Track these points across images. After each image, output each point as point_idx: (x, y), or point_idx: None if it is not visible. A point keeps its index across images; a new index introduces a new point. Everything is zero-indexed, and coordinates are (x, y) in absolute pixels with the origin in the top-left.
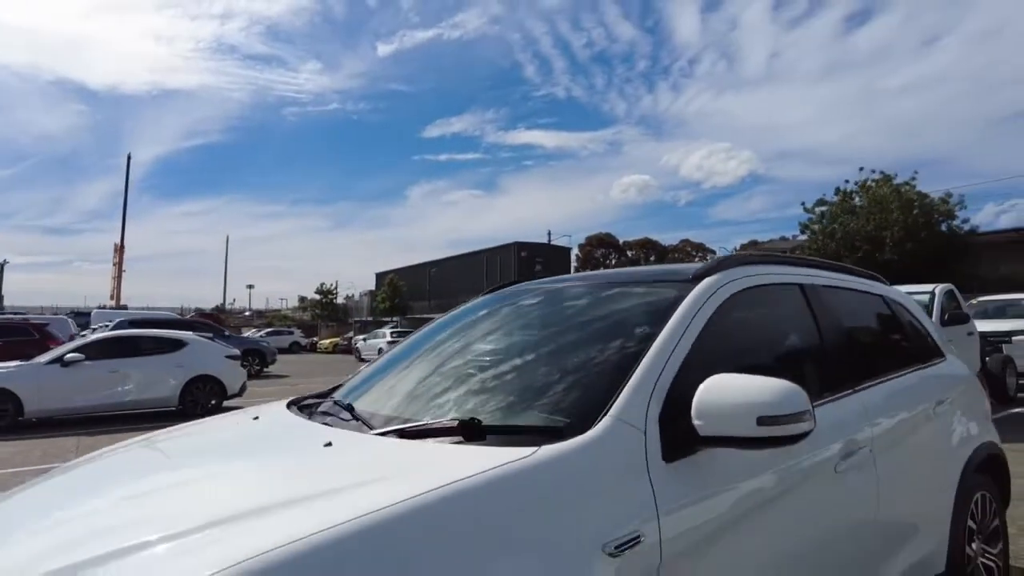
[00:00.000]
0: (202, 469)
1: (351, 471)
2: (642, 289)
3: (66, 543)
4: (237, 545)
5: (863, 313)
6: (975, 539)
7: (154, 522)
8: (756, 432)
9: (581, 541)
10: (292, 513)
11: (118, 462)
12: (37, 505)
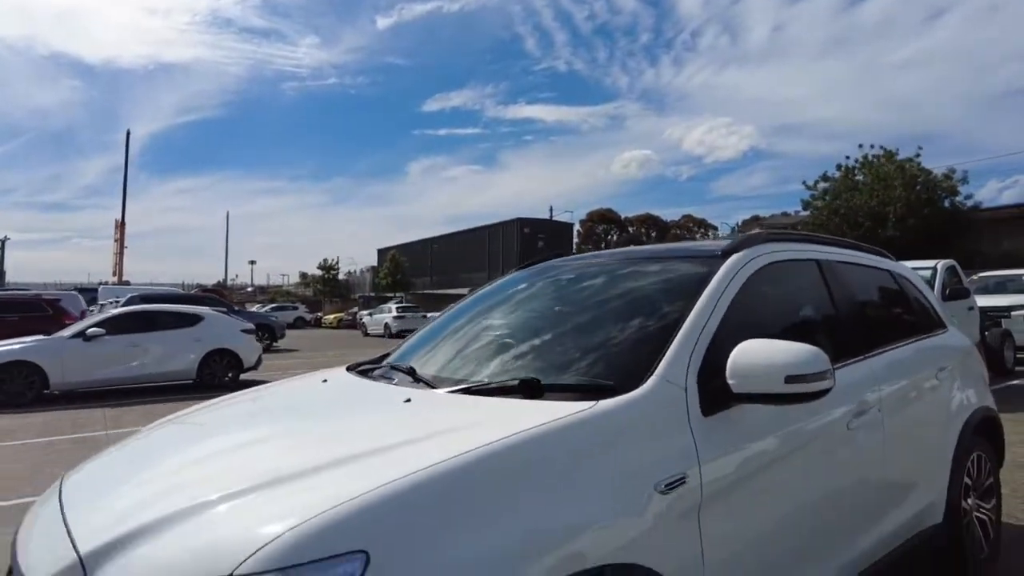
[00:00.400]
0: (302, 423)
1: (437, 421)
2: (676, 264)
3: (210, 480)
4: (366, 478)
5: (872, 286)
6: (971, 495)
7: (282, 465)
8: (784, 389)
9: (638, 480)
10: (406, 451)
11: (217, 418)
12: (149, 458)
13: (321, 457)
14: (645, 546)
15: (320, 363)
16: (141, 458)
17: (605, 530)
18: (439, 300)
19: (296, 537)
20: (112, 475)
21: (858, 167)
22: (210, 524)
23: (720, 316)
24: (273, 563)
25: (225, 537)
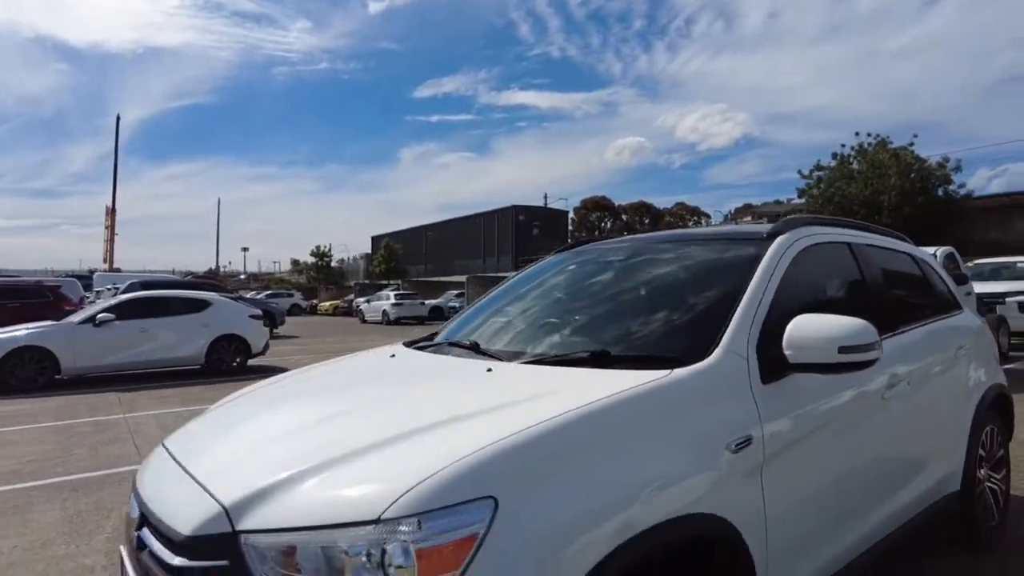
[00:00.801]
0: (400, 388)
1: (527, 387)
2: (724, 245)
3: (336, 439)
4: (481, 434)
5: (897, 268)
6: (983, 465)
7: (402, 424)
8: (837, 359)
9: (714, 440)
10: (512, 411)
11: (310, 387)
12: (259, 421)
13: (436, 416)
14: (720, 499)
15: (322, 349)
16: (248, 421)
17: (689, 482)
18: (434, 288)
19: (432, 485)
20: (226, 437)
21: (853, 155)
22: (351, 475)
23: (772, 292)
24: (414, 508)
25: (368, 486)
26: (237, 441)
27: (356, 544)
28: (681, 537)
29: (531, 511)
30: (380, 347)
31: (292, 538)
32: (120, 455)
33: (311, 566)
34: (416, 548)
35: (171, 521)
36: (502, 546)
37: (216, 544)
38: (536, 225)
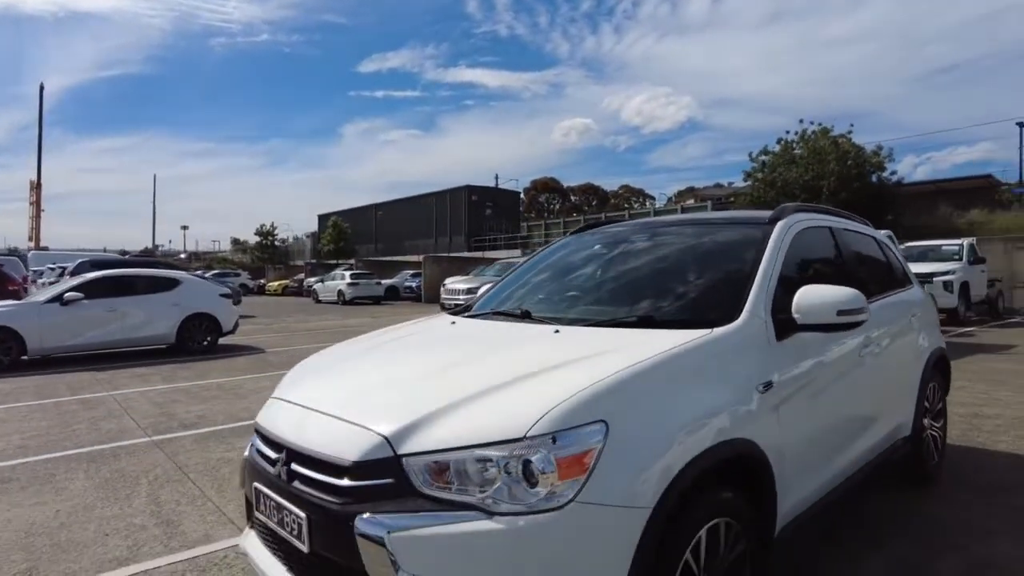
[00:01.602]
0: (487, 346)
1: (597, 344)
2: (734, 228)
3: (463, 381)
4: (564, 385)
5: (865, 248)
6: (928, 415)
7: (515, 369)
8: (836, 320)
9: (746, 381)
10: (600, 360)
11: (406, 344)
12: (379, 368)
13: (539, 364)
14: (753, 428)
15: (289, 328)
16: (360, 373)
17: (732, 413)
18: (386, 267)
19: (562, 411)
20: (346, 386)
21: (796, 141)
22: (489, 407)
23: (779, 267)
24: (549, 428)
25: (508, 414)
26: (363, 388)
27: (504, 457)
28: (729, 455)
29: (631, 432)
30: (425, 316)
31: (444, 457)
32: (123, 429)
33: (460, 478)
34: (555, 457)
35: (334, 452)
36: (614, 457)
37: (381, 466)
38: (489, 206)
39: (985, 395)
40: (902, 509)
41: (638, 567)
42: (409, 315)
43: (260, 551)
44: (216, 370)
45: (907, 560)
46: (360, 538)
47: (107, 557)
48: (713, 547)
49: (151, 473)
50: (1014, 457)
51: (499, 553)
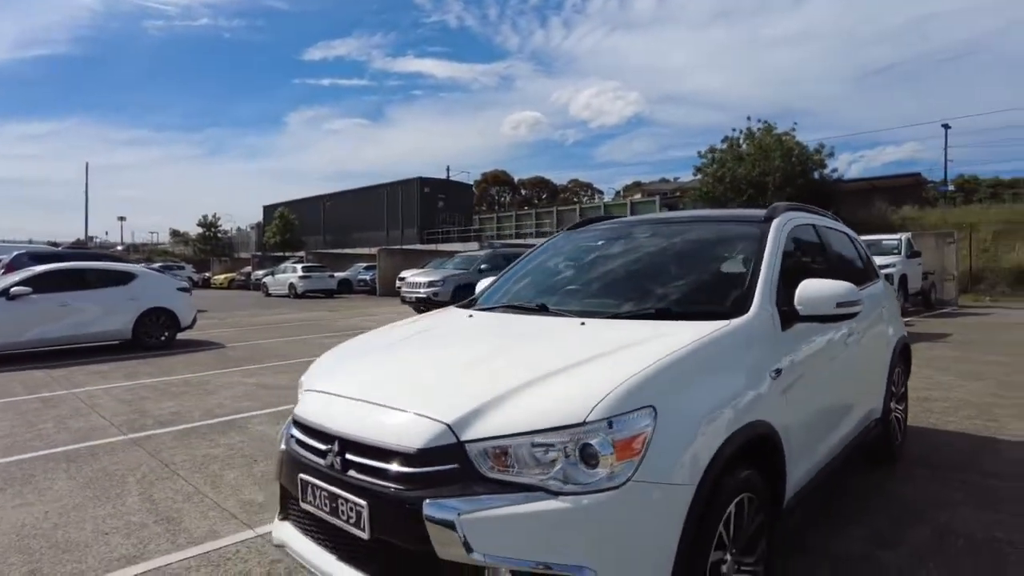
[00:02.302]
0: (519, 337)
1: (627, 335)
2: (732, 226)
3: (514, 369)
4: (610, 374)
5: (842, 244)
6: (893, 399)
7: (563, 357)
8: (835, 311)
9: (761, 368)
10: (638, 349)
11: (433, 336)
12: (424, 358)
13: (582, 354)
14: (768, 410)
15: (244, 323)
16: (400, 364)
17: (752, 398)
18: (335, 260)
19: (616, 397)
20: (390, 376)
21: (743, 138)
22: (544, 394)
23: (779, 262)
24: (605, 414)
25: (565, 400)
26: (410, 378)
27: (564, 441)
28: (752, 435)
29: (676, 416)
30: (435, 312)
31: (506, 442)
32: (94, 428)
33: (521, 461)
34: (613, 440)
35: (396, 440)
36: (663, 440)
37: (446, 453)
38: (441, 198)
39: (932, 380)
40: (874, 485)
41: (686, 538)
42: (369, 308)
43: (302, 541)
44: (179, 366)
45: (882, 531)
46: (429, 522)
47: (112, 556)
48: (739, 520)
49: (137, 471)
50: (963, 436)
51: (566, 529)
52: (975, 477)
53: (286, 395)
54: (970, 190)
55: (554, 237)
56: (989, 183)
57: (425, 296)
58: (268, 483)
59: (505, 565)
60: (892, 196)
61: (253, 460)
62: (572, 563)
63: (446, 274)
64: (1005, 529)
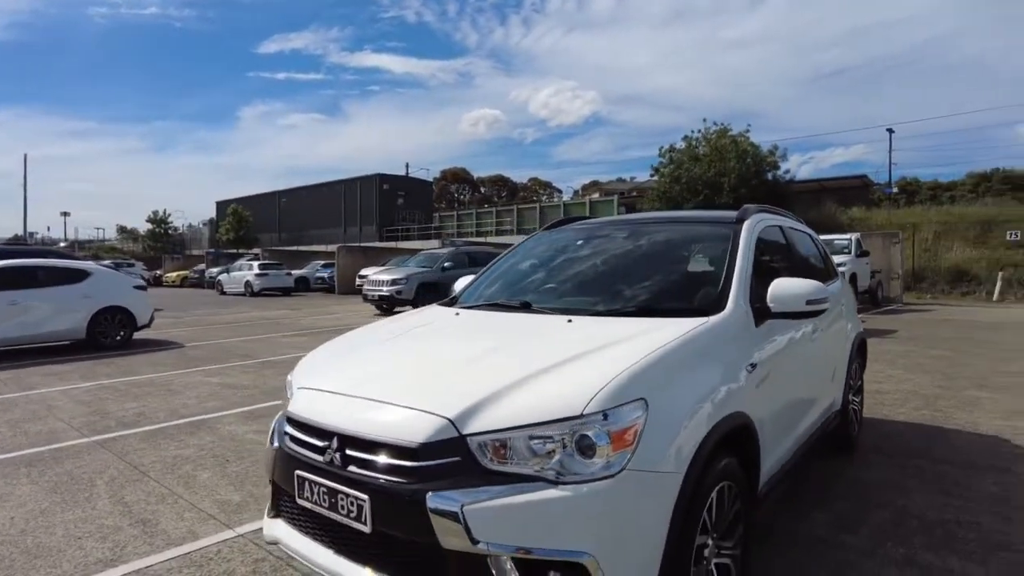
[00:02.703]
0: (506, 335)
1: (614, 331)
2: (706, 227)
3: (508, 365)
4: (603, 369)
5: (806, 244)
6: (851, 391)
7: (555, 353)
8: (805, 308)
9: (738, 362)
10: (627, 345)
11: (423, 334)
12: (417, 356)
13: (573, 350)
14: (745, 402)
15: (203, 321)
16: (390, 361)
17: (731, 390)
18: (290, 257)
19: (610, 390)
20: (384, 373)
21: (699, 140)
22: (540, 390)
23: (751, 262)
24: (601, 407)
25: (562, 394)
26: (406, 375)
27: (562, 433)
28: (732, 426)
29: (664, 408)
30: (419, 310)
31: (506, 435)
32: (53, 431)
33: (520, 453)
34: (609, 431)
35: (398, 436)
36: (653, 430)
37: (448, 446)
38: (401, 195)
39: (883, 374)
40: (834, 472)
41: (675, 523)
42: (329, 307)
43: (296, 537)
44: (139, 366)
45: (846, 514)
46: (433, 514)
47: (89, 560)
48: (720, 506)
49: (105, 474)
50: (913, 426)
51: (566, 516)
52: (927, 464)
53: (253, 395)
54: (912, 192)
55: (531, 237)
56: (930, 186)
57: (388, 294)
58: (244, 483)
59: (507, 552)
60: (841, 197)
61: (225, 460)
62: (572, 548)
63: (409, 272)
64: (955, 511)
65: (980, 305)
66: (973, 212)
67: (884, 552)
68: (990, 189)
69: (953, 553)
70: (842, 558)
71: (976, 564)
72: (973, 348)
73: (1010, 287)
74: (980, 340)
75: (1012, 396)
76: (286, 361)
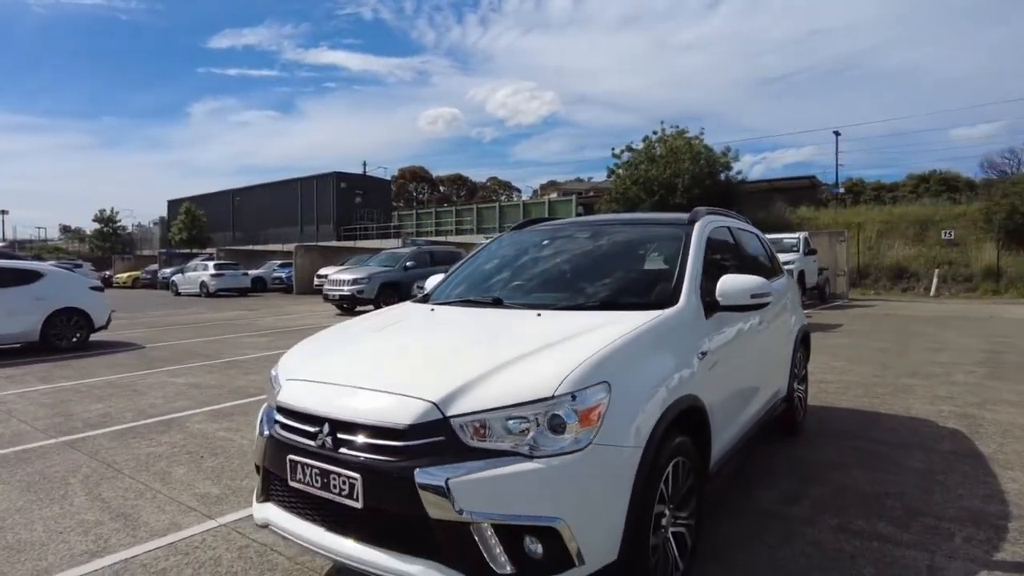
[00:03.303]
0: (481, 328)
1: (579, 323)
2: (660, 228)
3: (485, 355)
4: (570, 356)
5: (752, 243)
6: (796, 379)
7: (526, 344)
8: (749, 302)
9: (690, 350)
10: (590, 336)
11: (400, 329)
12: (397, 349)
13: (543, 341)
14: (698, 386)
15: (160, 323)
16: (383, 351)
17: (684, 376)
18: (246, 257)
19: (578, 374)
20: (367, 363)
21: (656, 141)
22: (515, 375)
23: (702, 260)
24: (570, 388)
25: (534, 379)
26: (390, 366)
27: (536, 413)
28: (685, 407)
29: (624, 390)
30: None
31: (485, 416)
32: (17, 433)
33: (498, 432)
34: (577, 411)
35: (387, 419)
36: (616, 410)
37: (433, 427)
38: (359, 193)
39: (827, 365)
40: (781, 453)
41: (636, 492)
42: (288, 307)
43: (287, 518)
44: (99, 367)
45: (790, 490)
46: (422, 488)
47: (73, 552)
48: (676, 480)
49: (78, 473)
50: (853, 412)
51: (540, 486)
52: (864, 444)
53: (220, 394)
54: (858, 192)
55: (498, 238)
56: (874, 186)
57: (349, 294)
58: (221, 477)
59: (489, 520)
60: (790, 197)
61: (200, 457)
62: (546, 514)
63: (371, 271)
64: (887, 484)
65: (919, 300)
66: (912, 212)
67: (823, 521)
68: (928, 190)
69: (881, 519)
70: (787, 527)
71: (900, 529)
72: (909, 340)
73: (945, 283)
74: (916, 332)
75: (939, 383)
76: (250, 361)
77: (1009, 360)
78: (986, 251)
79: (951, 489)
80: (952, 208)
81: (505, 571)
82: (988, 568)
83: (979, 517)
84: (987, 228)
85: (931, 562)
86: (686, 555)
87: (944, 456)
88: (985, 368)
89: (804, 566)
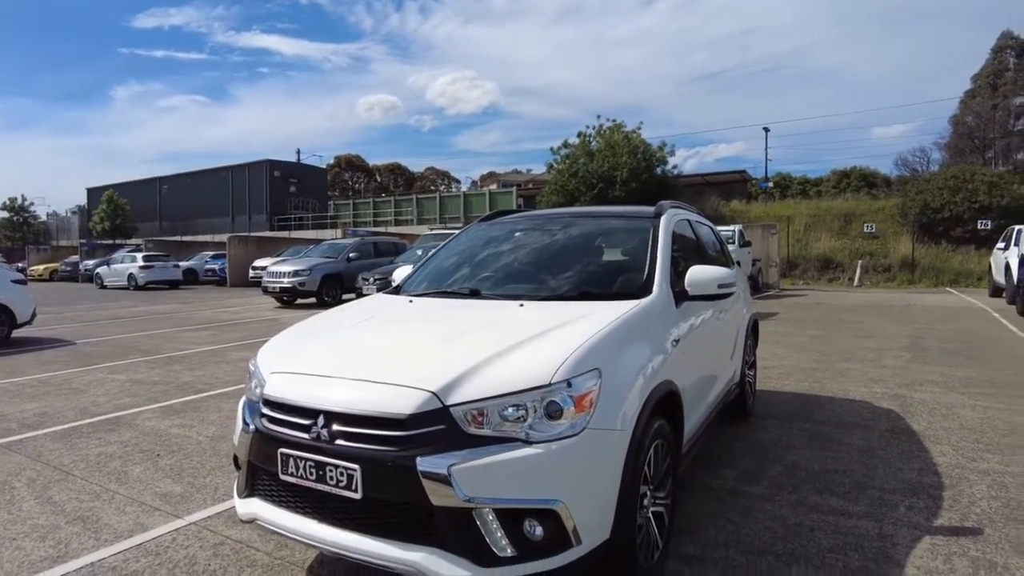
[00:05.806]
0: (468, 320)
1: (563, 314)
2: (628, 221)
3: (480, 344)
4: (561, 344)
5: (708, 235)
6: (747, 365)
7: (509, 336)
8: (717, 291)
9: (665, 338)
10: (577, 325)
11: (383, 321)
12: (395, 337)
13: (532, 330)
14: (673, 372)
15: (87, 318)
16: (370, 343)
17: (662, 362)
18: (177, 248)
19: (572, 362)
20: (361, 354)
21: (593, 135)
22: (511, 363)
23: (670, 252)
24: (565, 376)
25: (530, 367)
26: (380, 357)
27: (534, 400)
28: (664, 392)
29: (613, 376)
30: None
31: (484, 404)
32: None
33: (496, 419)
34: (572, 397)
35: (386, 409)
36: (606, 395)
37: (434, 416)
38: (293, 182)
39: (768, 352)
40: (736, 435)
41: (626, 473)
42: (224, 300)
43: (275, 512)
44: (27, 365)
45: (748, 469)
46: (424, 477)
47: (32, 559)
48: (656, 461)
49: (21, 476)
50: (797, 395)
51: (539, 470)
52: (809, 425)
53: (167, 390)
54: (785, 187)
55: (467, 229)
56: (800, 181)
57: (290, 286)
58: (182, 475)
59: (491, 505)
60: (723, 191)
61: (156, 455)
62: (545, 497)
63: (312, 263)
64: (833, 462)
65: (844, 290)
66: (837, 206)
67: (782, 497)
68: (850, 185)
69: (833, 494)
70: (748, 505)
71: (850, 502)
72: (840, 327)
73: (867, 273)
74: (844, 320)
75: (870, 367)
76: (192, 356)
77: (930, 345)
78: (902, 243)
79: (891, 464)
80: (872, 203)
81: (506, 554)
82: (930, 533)
83: (917, 488)
84: (903, 222)
85: (881, 530)
86: (664, 533)
87: (882, 434)
88: (910, 353)
89: (768, 539)
